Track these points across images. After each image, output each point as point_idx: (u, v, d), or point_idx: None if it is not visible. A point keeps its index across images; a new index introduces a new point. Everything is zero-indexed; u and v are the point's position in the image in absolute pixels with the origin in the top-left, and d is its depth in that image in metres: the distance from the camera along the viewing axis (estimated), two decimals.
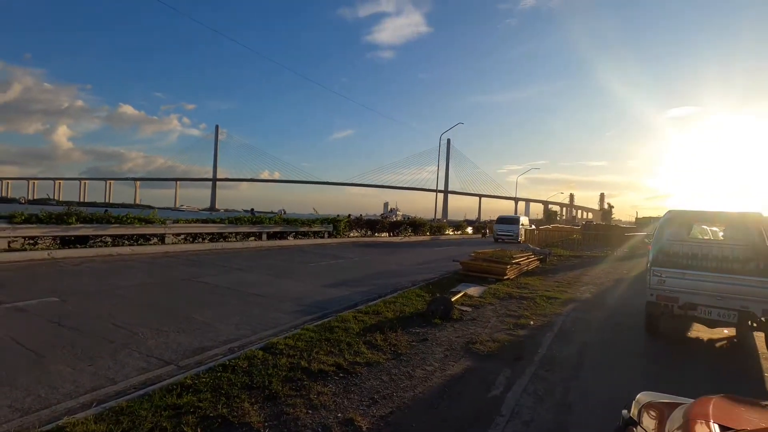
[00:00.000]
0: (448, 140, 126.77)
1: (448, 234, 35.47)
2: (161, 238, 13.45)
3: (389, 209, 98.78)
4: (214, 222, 15.79)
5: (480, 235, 38.33)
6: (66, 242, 11.44)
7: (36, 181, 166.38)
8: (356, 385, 3.72)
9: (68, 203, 16.55)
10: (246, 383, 3.51)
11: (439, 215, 53.68)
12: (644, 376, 4.69)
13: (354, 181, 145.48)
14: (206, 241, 14.92)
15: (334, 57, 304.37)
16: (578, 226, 42.47)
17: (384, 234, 26.95)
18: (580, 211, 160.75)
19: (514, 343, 5.41)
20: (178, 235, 14.14)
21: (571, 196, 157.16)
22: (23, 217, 10.32)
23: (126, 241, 12.55)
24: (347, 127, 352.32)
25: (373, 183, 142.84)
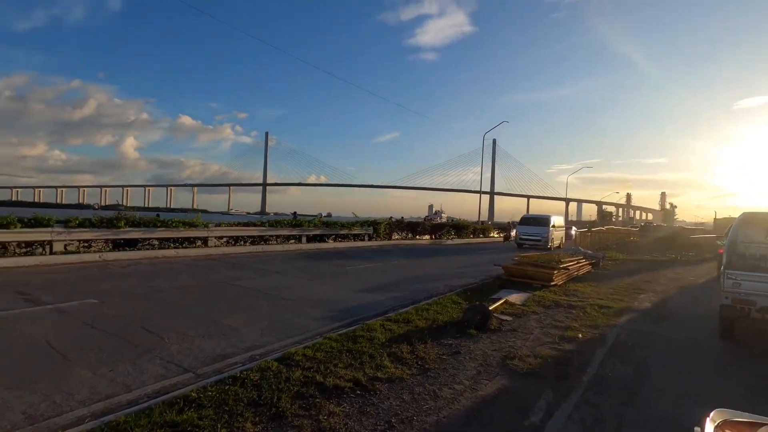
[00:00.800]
0: (494, 140, 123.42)
1: (493, 236, 34.24)
2: (204, 241, 13.84)
3: (434, 212, 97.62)
4: (254, 225, 16.10)
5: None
6: (117, 245, 12.02)
7: (107, 189, 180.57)
8: (373, 405, 3.35)
9: (135, 208, 17.60)
10: (253, 399, 3.26)
11: (484, 217, 52.18)
12: (716, 402, 3.96)
13: (398, 184, 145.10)
14: (247, 244, 15.20)
15: (376, 61, 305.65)
16: (636, 227, 39.70)
17: (426, 237, 26.42)
18: (638, 212, 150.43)
19: (558, 360, 4.82)
20: (221, 238, 14.50)
21: (628, 196, 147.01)
22: (77, 222, 10.94)
23: (171, 244, 13.01)
24: (391, 130, 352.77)
25: (417, 185, 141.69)
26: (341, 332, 5.21)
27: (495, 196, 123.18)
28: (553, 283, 9.65)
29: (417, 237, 25.74)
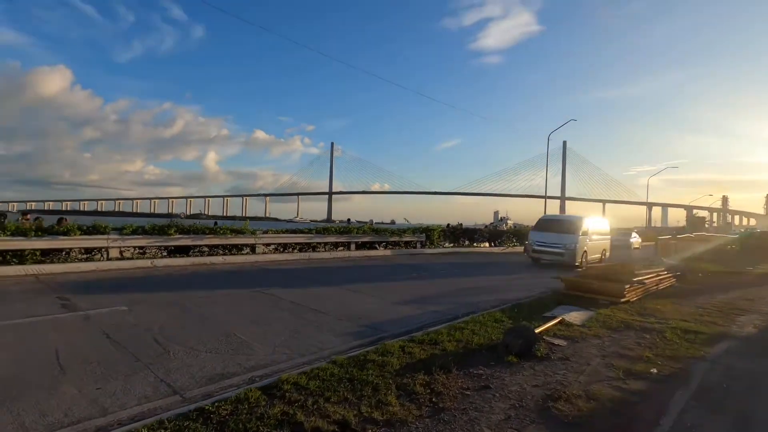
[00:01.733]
0: (564, 142, 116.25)
1: None
2: (252, 248, 13.98)
3: (499, 218, 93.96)
4: (302, 232, 16.05)
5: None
6: (170, 252, 12.45)
7: (192, 199, 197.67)
8: None
9: (214, 217, 18.53)
10: None
11: None
12: None
13: (462, 191, 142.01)
14: (295, 251, 15.15)
15: (439, 68, 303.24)
16: (736, 234, 34.66)
17: (484, 244, 25.00)
18: (737, 217, 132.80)
19: (621, 405, 3.72)
20: (268, 245, 14.58)
21: (724, 199, 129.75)
22: (131, 229, 11.49)
23: (220, 251, 13.27)
24: (455, 136, 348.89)
25: (481, 191, 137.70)
26: (351, 355, 4.53)
27: (566, 201, 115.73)
28: (624, 300, 8.19)
29: (474, 244, 24.42)
